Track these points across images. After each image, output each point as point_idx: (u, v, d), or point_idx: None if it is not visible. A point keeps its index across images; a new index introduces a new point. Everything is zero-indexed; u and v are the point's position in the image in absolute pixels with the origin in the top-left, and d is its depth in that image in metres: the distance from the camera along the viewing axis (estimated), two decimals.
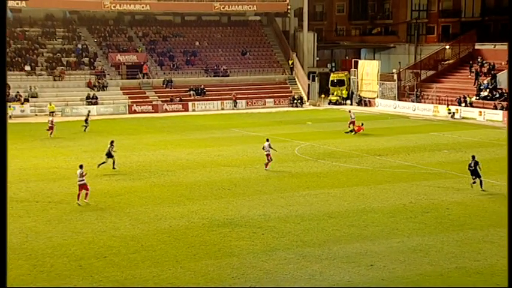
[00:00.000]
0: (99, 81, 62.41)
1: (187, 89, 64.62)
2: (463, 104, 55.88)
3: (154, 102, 61.75)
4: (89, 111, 50.89)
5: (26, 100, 57.52)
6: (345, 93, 67.28)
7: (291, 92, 68.23)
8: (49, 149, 38.21)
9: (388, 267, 17.66)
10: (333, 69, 77.39)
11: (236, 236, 20.55)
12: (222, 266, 17.80)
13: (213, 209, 23.91)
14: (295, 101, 65.49)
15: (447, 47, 66.58)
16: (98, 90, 61.50)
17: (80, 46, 65.81)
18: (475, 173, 26.40)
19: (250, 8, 73.01)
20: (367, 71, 66.28)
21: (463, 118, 53.72)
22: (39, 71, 61.95)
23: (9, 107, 55.54)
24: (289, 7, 73.66)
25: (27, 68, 61.41)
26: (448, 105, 56.69)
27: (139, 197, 25.83)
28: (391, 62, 73.77)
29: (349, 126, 44.42)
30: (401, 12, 79.76)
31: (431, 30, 78.13)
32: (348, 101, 66.75)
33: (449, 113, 54.81)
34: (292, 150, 37.44)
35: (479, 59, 62.32)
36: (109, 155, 30.97)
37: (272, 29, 75.77)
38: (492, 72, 58.83)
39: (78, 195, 24.70)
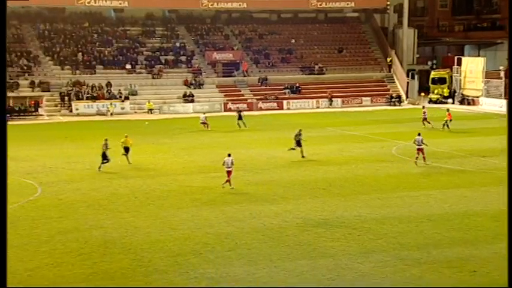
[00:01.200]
0: (196, 79, 63.91)
1: (282, 87, 64.89)
2: None
3: (249, 100, 62.46)
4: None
5: (126, 98, 59.78)
6: (446, 92, 65.30)
7: (388, 90, 66.99)
8: (148, 146, 39.50)
9: (492, 274, 16.98)
10: (434, 66, 75.17)
11: (331, 236, 20.44)
12: (316, 266, 17.76)
13: (307, 208, 23.89)
14: (393, 100, 64.24)
15: None
16: (195, 88, 62.99)
17: (177, 44, 67.67)
18: None
19: (348, 4, 72.30)
20: (471, 68, 63.97)
21: None
22: (138, 69, 64.26)
23: (111, 104, 58.05)
24: (388, 3, 72.33)
25: (128, 66, 63.84)
26: None
27: (233, 195, 26.20)
28: (497, 59, 70.68)
29: (423, 123, 44.95)
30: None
31: None
32: (450, 100, 64.69)
33: None
34: (390, 150, 36.75)
35: None
36: (298, 143, 33.69)
37: (370, 26, 74.68)
38: None
39: (228, 180, 26.77)
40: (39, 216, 22.74)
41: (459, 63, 65.34)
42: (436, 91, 65.82)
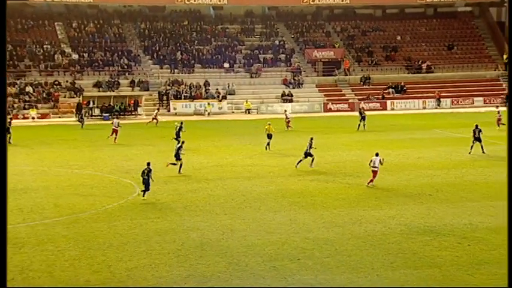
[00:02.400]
0: (295, 78, 64.15)
1: (386, 86, 63.85)
2: None
3: (350, 100, 61.92)
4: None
5: (224, 97, 60.89)
6: None
7: (504, 89, 64.36)
8: (245, 147, 40.03)
9: None
10: None
11: (438, 245, 19.87)
12: (422, 276, 17.32)
13: (412, 215, 23.36)
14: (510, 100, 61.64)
15: None
16: (294, 88, 63.22)
17: (277, 42, 68.21)
18: None
19: None
20: None
21: None
22: (237, 68, 65.29)
23: (208, 104, 59.36)
24: None
25: (226, 65, 65.04)
26: None
27: (333, 199, 26.04)
28: None
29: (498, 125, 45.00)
30: None
31: None
32: None
33: None
34: (503, 154, 35.21)
35: None
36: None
37: (484, 20, 72.10)
38: None
39: (372, 180, 27.68)
40: (137, 216, 23.54)
41: None
42: None
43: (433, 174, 30.61)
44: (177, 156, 30.95)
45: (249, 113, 58.86)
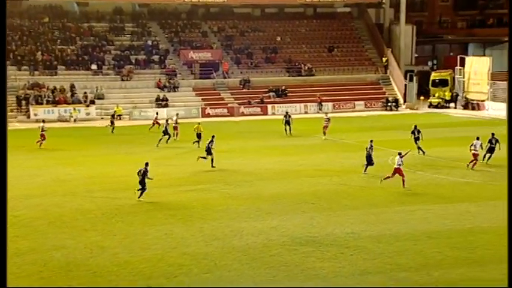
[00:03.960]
0: (170, 81, 63.90)
1: (267, 90, 65.07)
2: None
3: (229, 105, 62.56)
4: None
5: (92, 102, 59.58)
6: (448, 95, 65.95)
7: (384, 93, 67.49)
8: (117, 156, 39.39)
9: None
10: (435, 67, 75.94)
11: (321, 256, 20.51)
12: None
13: (294, 225, 23.95)
14: (390, 104, 64.73)
15: None
16: (169, 91, 62.96)
17: (149, 42, 67.67)
18: None
19: None
20: (476, 69, 64.68)
21: None
22: (106, 70, 64.12)
23: (74, 109, 57.83)
24: None
25: (94, 66, 63.68)
26: None
27: (213, 211, 26.19)
28: (504, 59, 71.49)
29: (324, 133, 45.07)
30: None
31: None
32: (452, 104, 65.34)
33: None
34: (386, 159, 36.96)
35: None
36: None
37: (364, 22, 75.24)
38: None
39: (404, 180, 29.22)
40: None
41: (462, 64, 65.98)
42: (436, 94, 66.42)
43: (316, 181, 31.52)
44: (208, 151, 34.11)
45: (120, 118, 57.97)
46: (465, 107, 64.11)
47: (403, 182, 29.47)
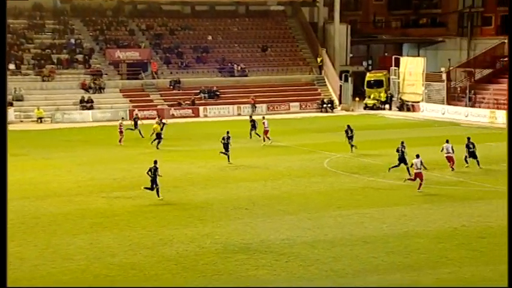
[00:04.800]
0: (95, 82, 63.00)
1: (198, 91, 64.94)
2: None
3: (159, 107, 62.13)
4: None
5: (10, 104, 58.14)
6: (383, 96, 67.12)
7: (319, 94, 68.28)
8: (37, 162, 38.57)
9: None
10: (370, 67, 77.26)
11: (255, 263, 20.55)
12: None
13: (228, 232, 23.94)
14: (325, 105, 65.50)
15: (506, 41, 66.20)
16: (94, 93, 62.09)
17: (72, 41, 66.57)
18: None
19: None
20: (410, 69, 66.09)
21: None
22: (25, 70, 62.73)
23: None
24: None
25: (12, 66, 62.08)
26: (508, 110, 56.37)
27: (141, 217, 25.94)
28: (438, 59, 73.55)
29: (266, 138, 44.16)
30: (452, 0, 79.48)
31: (488, 21, 77.64)
32: (387, 105, 66.57)
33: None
34: (321, 162, 37.39)
35: None
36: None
37: (298, 21, 75.96)
38: None
39: (412, 178, 30.16)
40: None
41: (397, 64, 67.27)
42: (372, 96, 67.53)
43: (250, 186, 31.60)
44: (226, 147, 36.90)
45: (41, 121, 56.77)
46: (400, 108, 65.42)
47: (419, 185, 29.91)
